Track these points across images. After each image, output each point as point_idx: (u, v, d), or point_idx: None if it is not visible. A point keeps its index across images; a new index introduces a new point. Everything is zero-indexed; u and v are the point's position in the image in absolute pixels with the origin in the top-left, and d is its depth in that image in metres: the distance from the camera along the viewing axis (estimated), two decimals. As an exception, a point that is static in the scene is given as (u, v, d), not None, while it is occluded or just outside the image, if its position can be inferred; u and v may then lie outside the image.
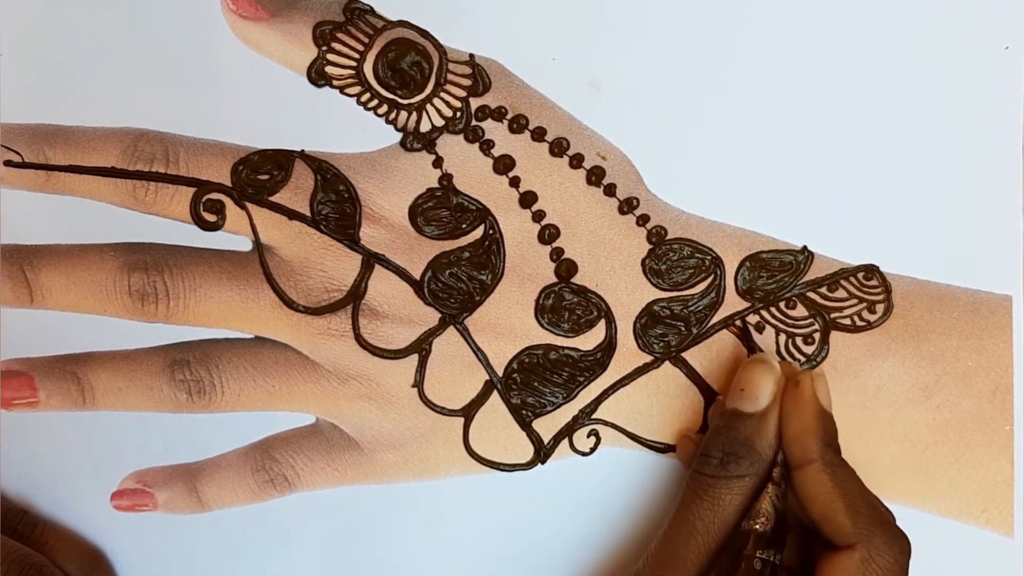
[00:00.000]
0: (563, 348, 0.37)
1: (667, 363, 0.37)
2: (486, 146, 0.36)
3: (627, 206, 0.37)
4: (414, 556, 0.38)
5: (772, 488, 0.33)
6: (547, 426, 0.37)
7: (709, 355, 0.37)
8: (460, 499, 0.38)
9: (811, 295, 0.37)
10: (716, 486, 0.33)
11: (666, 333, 0.37)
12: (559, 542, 0.38)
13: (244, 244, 0.37)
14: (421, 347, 0.37)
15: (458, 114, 0.36)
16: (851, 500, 0.32)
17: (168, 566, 0.38)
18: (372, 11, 0.36)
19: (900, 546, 0.31)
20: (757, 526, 0.32)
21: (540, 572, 0.38)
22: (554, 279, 0.37)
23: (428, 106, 0.36)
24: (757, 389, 0.34)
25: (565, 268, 0.37)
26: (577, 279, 0.37)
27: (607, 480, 0.38)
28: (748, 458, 0.33)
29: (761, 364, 0.34)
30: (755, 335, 0.37)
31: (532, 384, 0.37)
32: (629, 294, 0.37)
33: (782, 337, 0.37)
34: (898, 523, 0.32)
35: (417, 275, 0.37)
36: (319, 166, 0.36)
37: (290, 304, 0.36)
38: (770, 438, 0.33)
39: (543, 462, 0.38)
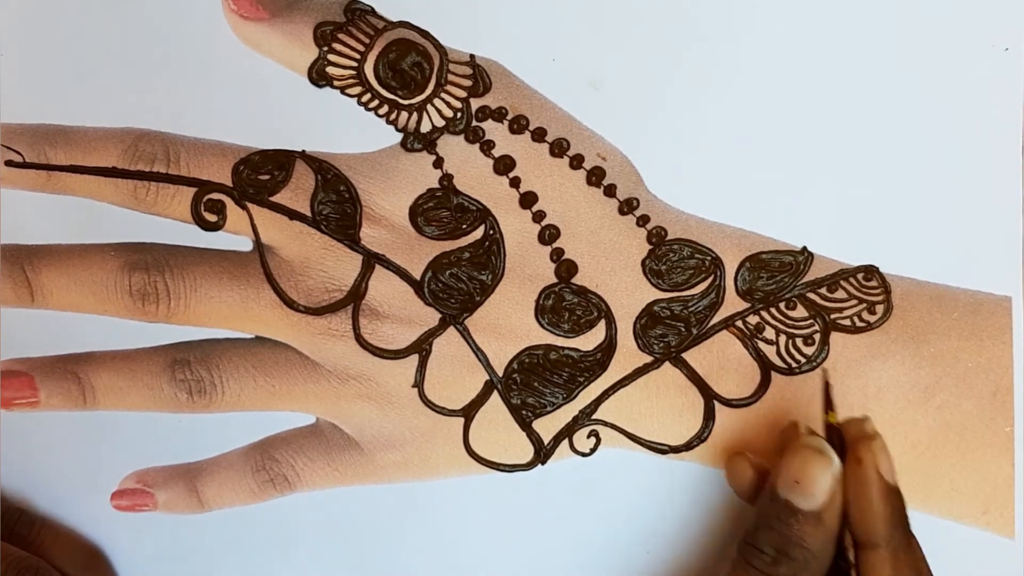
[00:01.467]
0: (563, 348, 0.37)
1: (667, 364, 0.37)
2: (487, 147, 0.36)
3: (627, 207, 0.37)
4: (413, 557, 0.38)
5: None
6: (547, 426, 0.37)
7: (709, 356, 0.37)
8: (460, 500, 0.38)
9: (811, 296, 0.37)
10: None
11: (666, 334, 0.37)
12: (559, 543, 0.38)
13: (245, 244, 0.37)
14: (421, 347, 0.37)
15: (459, 114, 0.36)
16: None
17: (168, 567, 0.38)
18: (373, 12, 0.36)
19: None
20: None
21: (540, 572, 0.38)
22: (554, 279, 0.37)
23: (429, 106, 0.36)
24: (814, 485, 0.32)
25: (565, 268, 0.37)
26: (577, 279, 0.37)
27: (607, 481, 0.38)
28: (801, 559, 0.31)
29: (818, 456, 0.32)
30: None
31: (532, 384, 0.37)
32: (629, 294, 0.37)
33: (782, 338, 0.37)
34: None
35: (417, 275, 0.37)
36: (320, 166, 0.36)
37: (290, 304, 0.36)
38: (828, 533, 0.31)
39: (543, 463, 0.38)
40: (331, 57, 0.36)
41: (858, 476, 0.32)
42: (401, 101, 0.36)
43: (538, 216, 0.37)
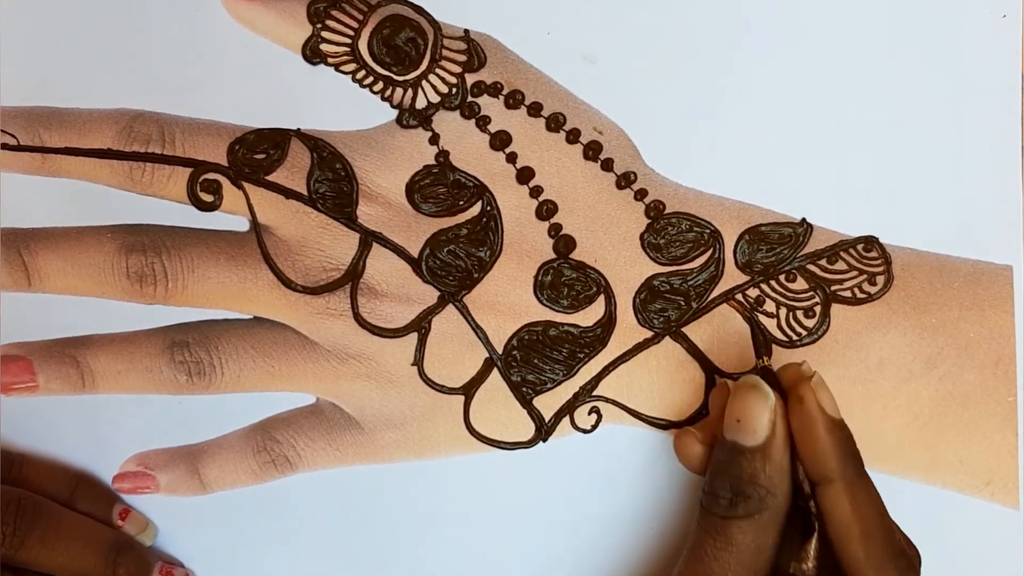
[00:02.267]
0: (563, 324, 0.37)
1: (667, 338, 0.37)
2: (482, 122, 0.36)
3: (625, 180, 0.37)
4: (416, 535, 0.38)
5: (819, 525, 0.31)
6: (548, 403, 0.37)
7: (709, 329, 0.37)
8: (461, 478, 0.38)
9: (811, 268, 0.37)
10: (728, 527, 0.31)
11: (666, 308, 0.37)
12: (561, 520, 0.38)
13: (241, 224, 0.37)
14: (420, 325, 0.37)
15: (454, 90, 0.36)
16: (866, 527, 0.31)
17: (169, 548, 0.38)
18: (366, -12, 0.36)
19: None
20: (804, 568, 0.31)
21: (542, 550, 0.38)
22: (552, 255, 0.37)
23: (424, 82, 0.36)
24: (753, 421, 0.32)
25: (563, 244, 0.37)
26: (575, 255, 0.37)
27: (609, 457, 0.38)
28: (756, 495, 0.31)
29: (753, 392, 0.32)
30: (762, 318, 0.37)
31: (532, 361, 0.37)
32: (628, 269, 0.37)
33: (783, 310, 0.37)
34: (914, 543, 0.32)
35: (415, 253, 0.36)
36: (315, 144, 0.36)
37: (288, 284, 0.36)
38: (778, 466, 0.32)
39: (544, 440, 0.37)
40: (325, 34, 0.36)
41: (801, 415, 0.32)
42: (396, 77, 0.36)
43: (535, 191, 0.37)
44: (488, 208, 0.36)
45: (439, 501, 0.38)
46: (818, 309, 0.37)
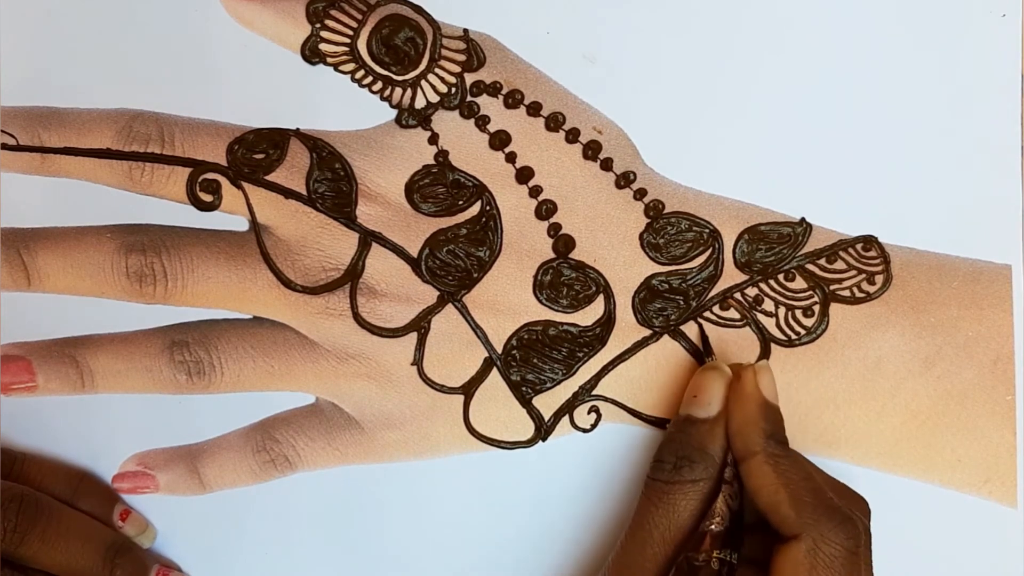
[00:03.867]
0: (562, 324, 0.37)
1: (666, 337, 0.37)
2: (482, 122, 0.36)
3: (624, 180, 0.37)
4: (415, 535, 0.38)
5: (725, 488, 0.33)
6: (547, 403, 0.37)
7: (708, 329, 0.37)
8: (461, 477, 0.38)
9: (810, 267, 0.37)
10: (671, 492, 0.33)
11: (665, 307, 0.37)
12: (560, 519, 0.38)
13: (241, 224, 0.37)
14: (420, 325, 0.37)
15: (453, 90, 0.36)
16: (794, 490, 0.32)
17: (169, 548, 0.38)
18: (365, -12, 0.36)
19: (847, 531, 0.31)
20: (713, 526, 0.32)
21: (542, 549, 0.38)
22: (552, 255, 0.37)
23: (423, 82, 0.36)
24: (709, 395, 0.34)
25: (563, 243, 0.37)
26: (575, 254, 0.37)
27: (608, 456, 0.38)
28: (702, 462, 0.33)
29: (712, 371, 0.35)
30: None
31: (531, 361, 0.37)
32: (627, 268, 0.37)
33: (782, 310, 0.37)
34: (844, 509, 0.32)
35: (414, 253, 0.36)
36: (314, 144, 0.36)
37: (288, 284, 0.36)
38: (723, 441, 0.33)
39: (544, 439, 0.38)
40: (324, 34, 0.36)
41: (737, 391, 0.34)
42: (395, 77, 0.36)
43: (535, 191, 0.37)
44: (487, 208, 0.36)
45: (439, 501, 0.38)
46: (817, 308, 0.37)
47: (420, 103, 0.36)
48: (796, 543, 0.31)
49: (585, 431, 0.38)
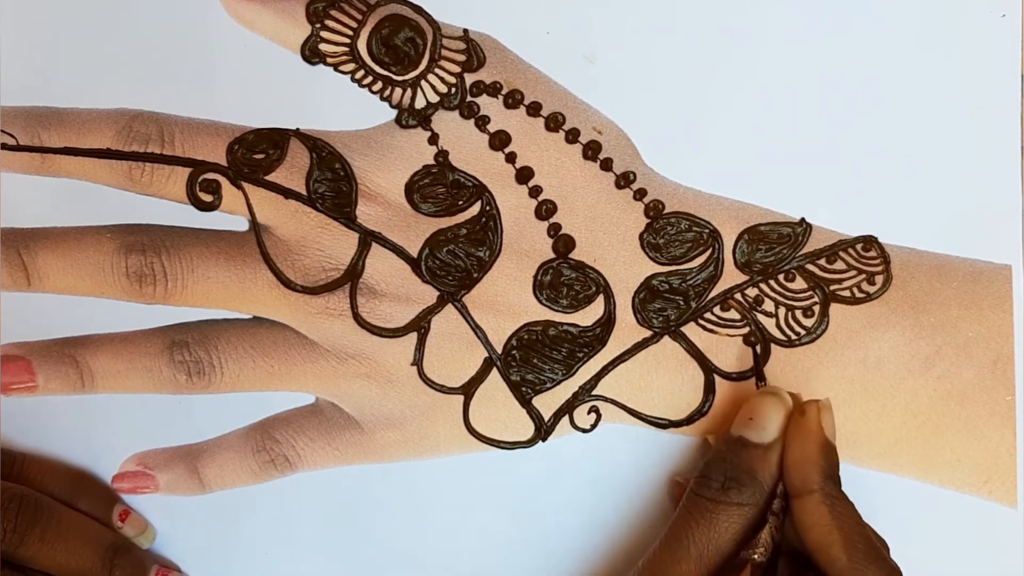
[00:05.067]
0: (562, 324, 0.37)
1: (666, 338, 0.37)
2: (481, 122, 0.36)
3: (624, 180, 0.37)
4: (415, 535, 0.38)
5: (772, 519, 0.33)
6: (547, 403, 0.37)
7: (704, 335, 0.37)
8: (461, 477, 0.38)
9: (810, 267, 0.37)
10: (714, 511, 0.33)
11: (665, 307, 0.37)
12: (560, 519, 0.38)
13: (241, 224, 0.37)
14: (420, 325, 0.37)
15: (453, 90, 0.36)
16: (848, 533, 0.32)
17: (169, 548, 0.38)
18: (365, -12, 0.36)
19: None
20: (756, 556, 0.32)
21: (542, 550, 0.38)
22: (552, 255, 0.37)
23: (423, 82, 0.36)
24: (766, 420, 0.34)
25: (563, 243, 0.37)
26: (575, 254, 0.37)
27: (608, 457, 0.38)
28: (750, 487, 0.33)
29: (772, 396, 0.34)
30: (761, 318, 0.37)
31: (531, 361, 0.37)
32: (627, 268, 0.37)
33: (781, 310, 0.37)
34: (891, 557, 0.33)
35: (414, 253, 0.36)
36: (314, 144, 0.36)
37: (288, 284, 0.36)
38: (773, 470, 0.33)
39: (544, 439, 0.38)
40: (324, 34, 0.36)
41: (799, 426, 0.34)
42: (395, 77, 0.36)
43: (534, 191, 0.37)
44: (487, 208, 0.36)
45: (438, 501, 0.38)
46: (817, 308, 0.37)
47: (420, 103, 0.36)
48: None
49: (585, 431, 0.38)
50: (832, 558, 0.31)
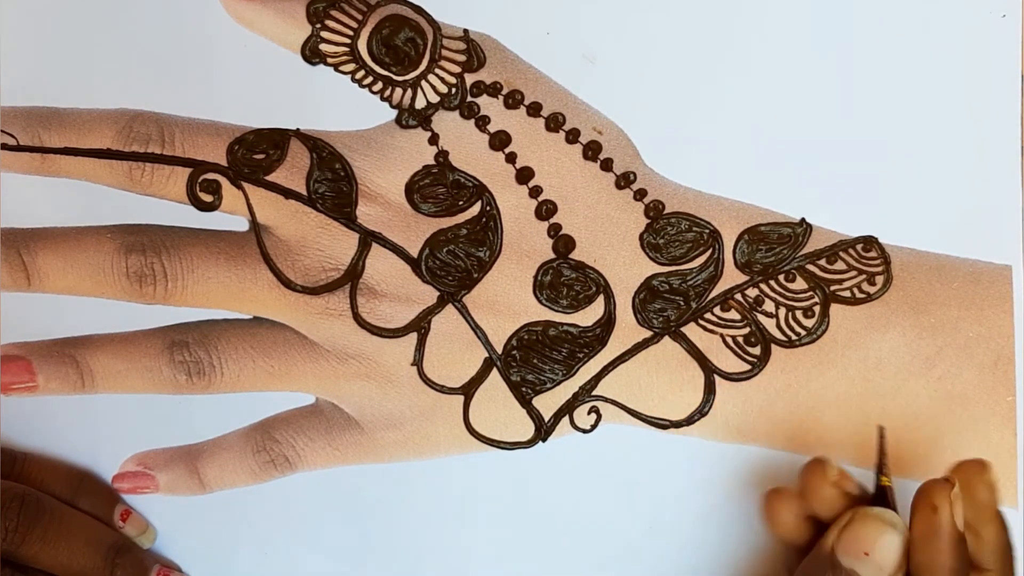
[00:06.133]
0: (562, 324, 0.37)
1: (667, 338, 0.37)
2: (482, 122, 0.36)
3: (624, 180, 0.37)
4: (415, 535, 0.38)
5: None
6: (547, 403, 0.37)
7: (704, 335, 0.37)
8: (461, 478, 0.38)
9: (810, 267, 0.37)
10: None
11: (665, 308, 0.37)
12: (560, 519, 0.38)
13: (241, 224, 0.37)
14: (420, 325, 0.37)
15: (453, 90, 0.36)
16: None
17: (169, 548, 0.38)
18: (365, -12, 0.36)
19: None
20: None
21: (542, 550, 0.38)
22: (552, 255, 0.37)
23: (423, 82, 0.36)
24: (884, 559, 0.30)
25: (563, 244, 0.37)
26: (575, 255, 0.37)
27: (608, 457, 0.38)
28: None
29: (892, 531, 0.31)
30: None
31: (531, 361, 0.37)
32: (627, 269, 0.37)
33: (782, 310, 0.37)
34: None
35: (415, 253, 0.36)
36: (315, 144, 0.36)
37: (288, 284, 0.36)
38: None
39: (544, 440, 0.38)
40: (324, 34, 0.36)
41: (932, 524, 0.31)
42: (395, 77, 0.36)
43: (535, 191, 0.37)
44: (487, 208, 0.36)
45: (438, 501, 0.38)
46: (817, 309, 0.37)
47: (420, 103, 0.36)
48: None
49: (585, 432, 0.38)
50: None
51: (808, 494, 0.33)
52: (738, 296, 0.37)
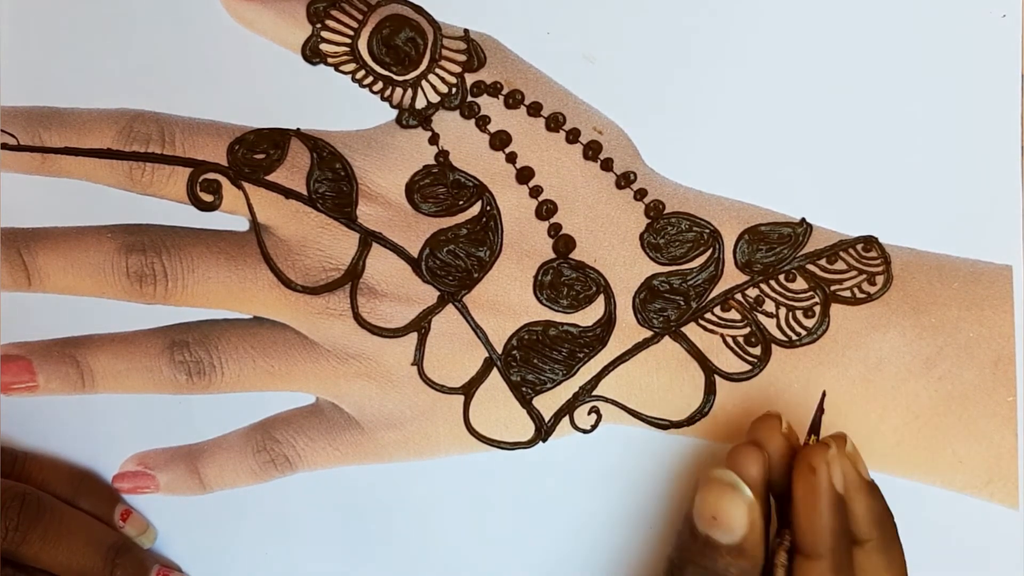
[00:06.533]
0: (562, 324, 0.37)
1: (667, 338, 0.37)
2: (482, 122, 0.36)
3: (624, 180, 0.37)
4: (415, 535, 0.38)
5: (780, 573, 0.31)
6: (547, 403, 0.37)
7: (704, 335, 0.37)
8: (461, 477, 0.38)
9: (810, 267, 0.37)
10: None
11: (665, 308, 0.37)
12: (560, 519, 0.38)
13: (241, 224, 0.37)
14: (420, 325, 0.37)
15: (453, 90, 0.36)
16: None
17: (169, 548, 0.38)
18: (366, -12, 0.36)
19: None
20: None
21: (542, 550, 0.38)
22: (552, 255, 0.37)
23: (423, 82, 0.36)
24: (731, 520, 0.31)
25: (563, 243, 0.37)
26: (575, 254, 0.37)
27: (608, 457, 0.38)
28: None
29: (730, 491, 0.31)
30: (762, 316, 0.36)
31: (532, 361, 0.37)
32: (628, 269, 0.37)
33: (782, 310, 0.37)
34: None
35: (415, 253, 0.37)
36: (315, 144, 0.36)
37: (288, 284, 0.36)
38: (752, 562, 0.31)
39: (544, 440, 0.38)
40: (324, 34, 0.36)
41: (811, 485, 0.31)
42: (395, 77, 0.36)
43: (535, 191, 0.37)
44: (488, 208, 0.36)
45: (438, 501, 0.38)
46: (817, 309, 0.37)
47: (420, 103, 0.36)
48: None
49: (585, 432, 0.38)
50: None
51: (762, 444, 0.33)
52: (738, 296, 0.37)
